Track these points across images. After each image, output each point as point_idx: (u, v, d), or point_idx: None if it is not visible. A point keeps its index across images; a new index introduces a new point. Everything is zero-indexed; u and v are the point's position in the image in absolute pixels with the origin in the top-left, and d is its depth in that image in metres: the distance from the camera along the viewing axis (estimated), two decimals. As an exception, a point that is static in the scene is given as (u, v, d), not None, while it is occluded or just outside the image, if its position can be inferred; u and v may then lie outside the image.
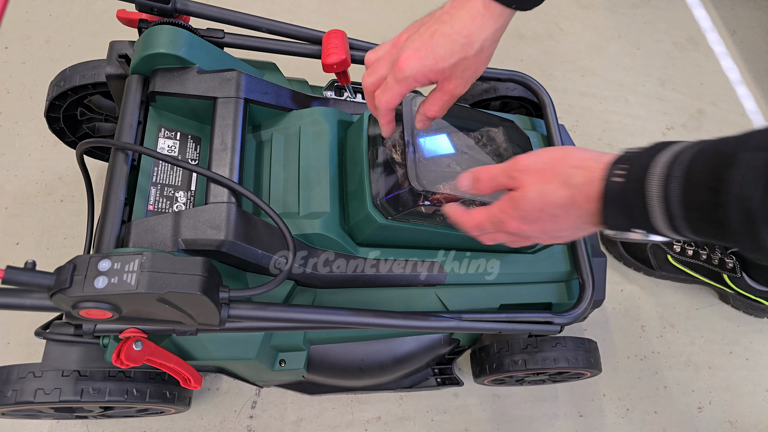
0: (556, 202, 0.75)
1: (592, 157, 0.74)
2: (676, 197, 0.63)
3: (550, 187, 0.75)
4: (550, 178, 0.75)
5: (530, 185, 0.77)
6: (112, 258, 0.76)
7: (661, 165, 0.66)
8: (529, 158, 0.79)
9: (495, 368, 1.31)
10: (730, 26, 2.38)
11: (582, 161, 0.74)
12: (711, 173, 0.60)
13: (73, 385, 1.02)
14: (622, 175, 0.68)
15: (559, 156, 0.77)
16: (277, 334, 1.12)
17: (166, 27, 1.05)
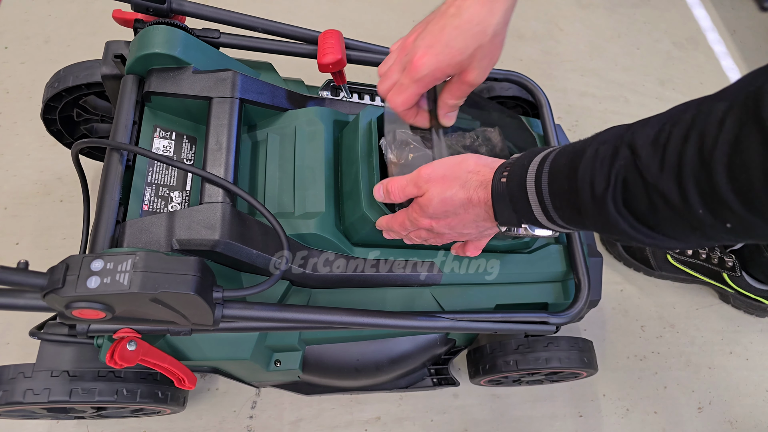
0: (456, 202, 0.85)
1: (486, 164, 0.84)
2: (545, 189, 0.75)
3: (450, 191, 0.84)
4: (450, 183, 0.84)
5: (433, 190, 0.85)
6: (105, 258, 0.76)
7: (535, 164, 0.77)
8: (431, 168, 0.87)
9: (488, 369, 1.31)
10: (730, 26, 2.38)
11: (476, 167, 0.84)
12: (568, 165, 0.71)
13: (63, 386, 1.02)
14: (506, 176, 0.80)
15: (457, 162, 0.86)
16: (272, 335, 1.12)
17: (161, 27, 1.05)
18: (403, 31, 2.06)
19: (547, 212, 0.76)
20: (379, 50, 1.24)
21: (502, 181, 0.80)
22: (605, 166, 0.66)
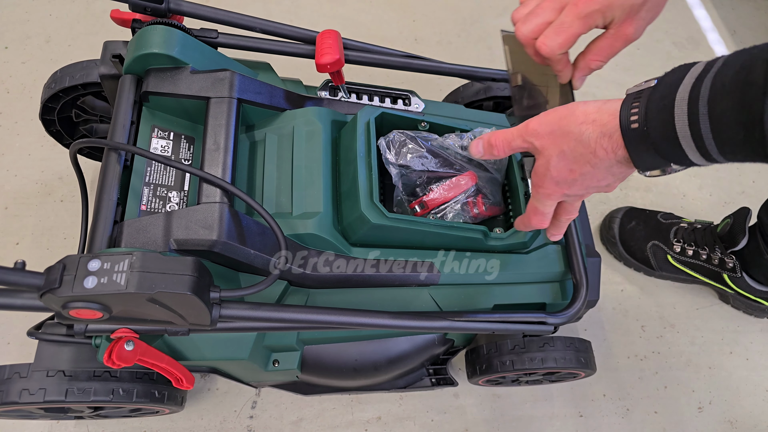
0: (579, 161, 0.76)
1: (599, 109, 0.73)
2: (705, 128, 0.62)
3: (566, 147, 0.76)
4: (562, 139, 0.76)
5: (548, 151, 0.78)
6: (102, 258, 0.76)
7: (683, 97, 0.64)
8: (537, 121, 0.79)
9: (485, 369, 1.31)
10: (730, 26, 2.37)
11: (587, 116, 0.73)
12: (739, 100, 0.58)
13: (58, 386, 1.02)
14: (636, 119, 0.69)
15: (564, 115, 0.76)
16: (270, 335, 1.12)
17: (159, 27, 1.05)
18: (403, 31, 2.08)
19: (706, 153, 0.65)
20: (378, 50, 1.25)
21: (633, 128, 0.69)
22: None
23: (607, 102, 0.73)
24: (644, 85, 0.71)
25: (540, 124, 0.78)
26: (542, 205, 0.87)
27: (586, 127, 0.73)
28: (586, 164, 0.76)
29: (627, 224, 1.75)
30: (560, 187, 0.81)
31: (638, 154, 0.70)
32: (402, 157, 1.08)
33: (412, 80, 1.84)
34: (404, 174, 1.11)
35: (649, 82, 0.71)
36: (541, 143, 0.78)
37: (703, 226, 1.65)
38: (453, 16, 2.15)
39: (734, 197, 1.94)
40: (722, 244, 1.59)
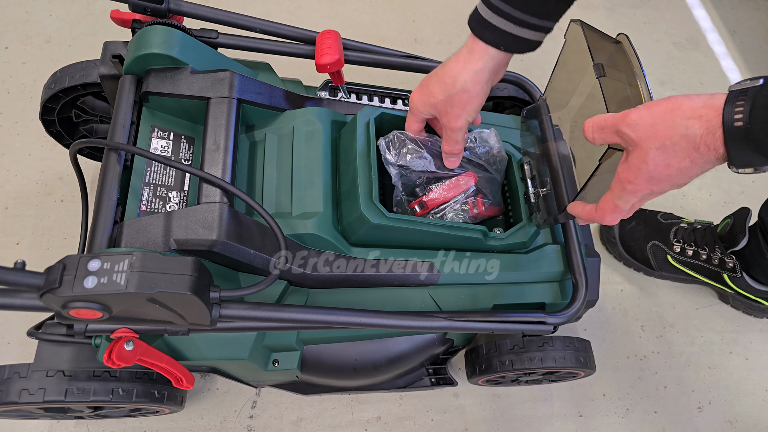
0: (679, 155, 0.74)
1: (704, 104, 0.72)
2: None
3: (669, 142, 0.74)
4: (667, 133, 0.74)
5: (647, 144, 0.75)
6: (102, 258, 0.76)
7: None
8: (639, 113, 0.76)
9: (484, 369, 1.31)
10: (730, 26, 2.37)
11: (694, 111, 0.72)
12: None
13: (58, 386, 1.02)
14: (740, 117, 0.68)
15: (670, 108, 0.74)
16: (270, 334, 1.12)
17: (159, 27, 1.05)
18: (403, 31, 2.08)
19: None
20: (378, 50, 1.25)
21: (737, 126, 0.68)
22: None
23: (712, 96, 0.72)
24: (749, 83, 0.70)
25: (641, 116, 0.75)
26: (624, 202, 0.85)
27: (693, 122, 0.72)
28: (686, 159, 0.74)
29: (627, 224, 1.75)
30: (652, 183, 0.79)
31: (738, 151, 0.70)
32: (401, 158, 1.08)
33: (412, 80, 1.84)
34: (404, 174, 1.11)
35: (755, 80, 0.70)
36: (639, 135, 0.76)
37: (703, 227, 1.66)
38: (453, 16, 2.14)
39: (734, 197, 1.94)
40: (722, 244, 1.59)
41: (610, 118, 0.80)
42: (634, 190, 0.81)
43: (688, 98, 0.73)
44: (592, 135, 0.83)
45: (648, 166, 0.76)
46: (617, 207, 0.86)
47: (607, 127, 0.80)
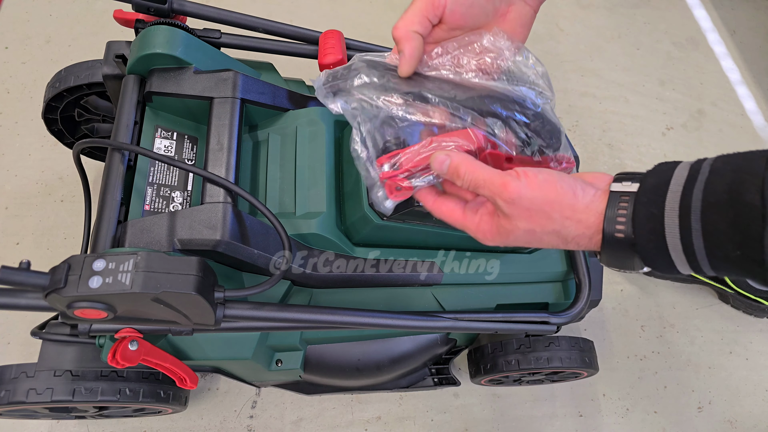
0: (544, 240, 0.72)
1: (586, 207, 0.68)
2: (699, 246, 0.60)
3: (539, 231, 0.70)
4: (541, 223, 0.70)
5: (517, 221, 0.70)
6: (107, 258, 0.76)
7: (670, 212, 0.61)
8: (518, 190, 0.68)
9: (489, 368, 1.31)
10: (730, 26, 2.38)
11: (574, 213, 0.68)
12: (733, 220, 0.56)
13: (65, 385, 1.02)
14: (623, 228, 0.65)
15: (550, 200, 0.68)
16: (273, 334, 1.12)
17: (162, 27, 1.05)
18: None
19: (697, 266, 0.62)
20: (380, 50, 1.25)
21: (617, 237, 0.65)
22: None
23: (595, 198, 0.68)
24: (628, 185, 0.67)
25: (520, 195, 0.68)
26: (459, 226, 0.79)
27: (570, 224, 0.68)
28: (553, 244, 0.73)
29: (627, 224, 1.75)
30: (500, 241, 0.76)
31: (614, 257, 0.68)
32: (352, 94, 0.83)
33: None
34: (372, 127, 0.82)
35: (631, 180, 0.67)
36: (512, 211, 0.70)
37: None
38: (453, 17, 2.14)
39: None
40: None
41: (487, 177, 0.71)
42: (484, 233, 0.76)
43: (572, 194, 0.68)
44: (465, 184, 0.73)
45: (507, 236, 0.73)
46: (465, 225, 0.79)
47: (483, 187, 0.71)
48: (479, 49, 0.83)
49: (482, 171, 0.71)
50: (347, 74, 0.84)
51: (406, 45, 0.79)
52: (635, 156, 1.97)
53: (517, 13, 0.84)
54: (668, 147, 2.01)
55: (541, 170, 0.70)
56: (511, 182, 0.69)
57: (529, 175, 0.69)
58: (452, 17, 0.81)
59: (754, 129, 2.11)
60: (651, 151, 1.99)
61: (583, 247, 0.70)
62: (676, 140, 2.03)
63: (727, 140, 2.06)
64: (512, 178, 0.69)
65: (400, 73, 0.81)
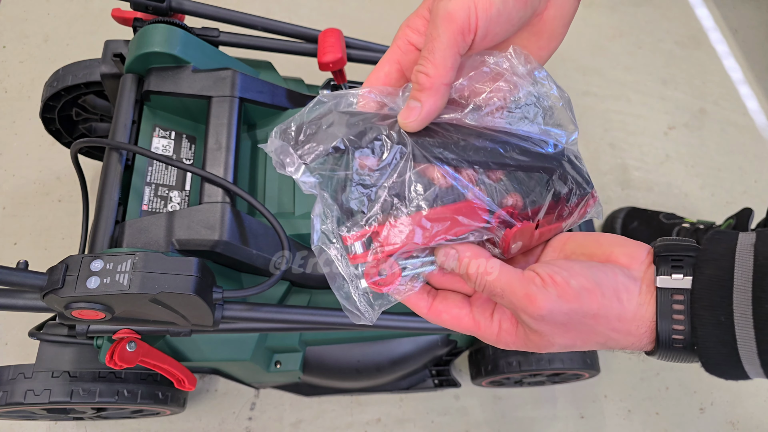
0: (581, 347, 0.59)
1: (634, 315, 0.55)
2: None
3: (580, 344, 0.58)
4: (583, 337, 0.56)
5: (552, 339, 0.56)
6: (105, 258, 0.76)
7: (742, 318, 0.51)
8: (551, 305, 0.53)
9: (490, 370, 1.30)
10: (732, 25, 2.37)
11: (622, 323, 0.55)
12: None
13: (63, 386, 1.02)
14: (682, 341, 0.54)
15: (593, 313, 0.54)
16: (272, 336, 1.11)
17: (160, 26, 1.05)
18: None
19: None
20: (380, 49, 1.24)
21: (676, 347, 0.54)
22: None
23: (643, 299, 0.55)
24: (679, 279, 0.54)
25: (552, 311, 0.53)
26: (486, 340, 0.63)
27: (618, 336, 0.56)
28: (593, 348, 0.60)
29: (629, 224, 1.74)
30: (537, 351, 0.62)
31: (669, 359, 0.56)
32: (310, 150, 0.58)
33: (412, 79, 1.83)
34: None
35: (680, 267, 0.55)
36: (544, 329, 0.55)
37: (706, 227, 1.65)
38: (453, 15, 2.13)
39: (736, 197, 1.94)
40: (724, 244, 1.58)
41: (507, 293, 0.56)
42: (509, 344, 0.61)
43: (618, 301, 0.54)
44: (477, 286, 0.59)
45: (548, 349, 0.59)
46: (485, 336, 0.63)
47: (498, 297, 0.57)
48: (491, 77, 0.62)
49: (500, 276, 0.57)
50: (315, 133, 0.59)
51: (430, 99, 0.57)
52: (637, 156, 1.96)
53: (557, 9, 0.63)
54: (670, 147, 2.00)
55: (572, 271, 0.55)
56: (537, 295, 0.53)
57: (559, 282, 0.54)
58: (483, 42, 0.59)
59: (757, 128, 2.10)
60: (653, 151, 1.98)
61: (628, 350, 0.59)
62: (678, 140, 2.03)
63: (729, 140, 2.05)
64: (539, 289, 0.54)
65: (406, 127, 0.58)
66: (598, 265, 0.57)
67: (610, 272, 0.56)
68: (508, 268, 0.57)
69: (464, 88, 0.62)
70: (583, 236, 0.63)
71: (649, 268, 0.57)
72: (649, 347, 0.56)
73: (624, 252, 0.59)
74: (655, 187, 1.91)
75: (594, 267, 0.56)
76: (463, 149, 0.58)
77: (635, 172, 1.93)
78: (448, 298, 0.64)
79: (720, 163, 2.00)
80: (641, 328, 0.55)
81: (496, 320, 0.61)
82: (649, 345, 0.56)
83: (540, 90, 0.64)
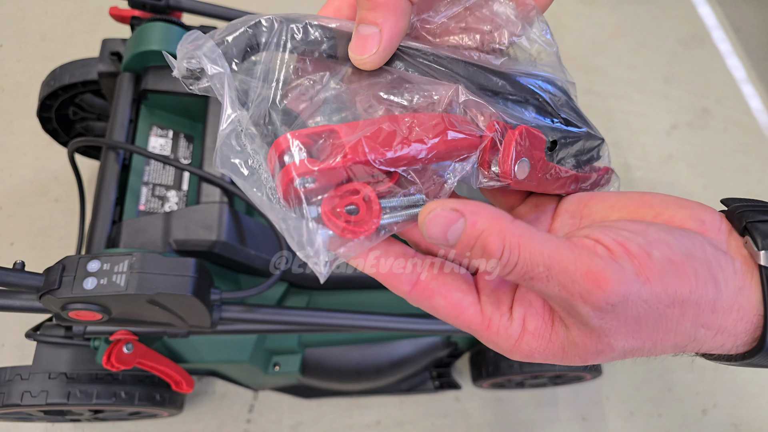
0: (645, 355, 0.42)
1: (732, 303, 0.38)
2: None
3: (648, 349, 0.40)
4: (657, 338, 0.39)
5: (614, 341, 0.38)
6: (102, 259, 0.76)
7: None
8: (629, 287, 0.36)
9: (491, 372, 1.30)
10: (734, 24, 2.36)
11: (716, 315, 0.38)
12: None
13: (60, 388, 1.01)
14: None
15: (683, 299, 0.37)
16: (271, 337, 1.11)
17: (158, 24, 1.04)
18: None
19: None
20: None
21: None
22: None
23: (743, 283, 0.39)
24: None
25: (629, 295, 0.36)
26: (497, 348, 0.43)
27: (706, 333, 0.39)
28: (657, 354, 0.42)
29: (631, 224, 1.73)
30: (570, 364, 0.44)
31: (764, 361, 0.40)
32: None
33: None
34: None
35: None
36: (609, 325, 0.37)
37: (708, 227, 1.64)
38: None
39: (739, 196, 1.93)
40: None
41: (558, 271, 0.36)
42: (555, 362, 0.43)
43: (714, 284, 0.38)
44: (492, 263, 0.40)
45: (596, 360, 0.41)
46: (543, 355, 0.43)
47: (539, 280, 0.38)
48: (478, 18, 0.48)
49: (541, 245, 0.37)
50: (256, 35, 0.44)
51: (389, 18, 0.41)
52: (640, 155, 1.95)
53: None
54: (673, 146, 1.99)
55: (649, 236, 0.38)
56: (607, 272, 0.35)
57: (636, 252, 0.37)
58: None
59: (760, 128, 2.09)
60: (656, 150, 1.97)
61: (712, 349, 0.41)
62: (681, 139, 2.02)
63: (732, 139, 2.04)
64: (607, 264, 0.36)
65: (363, 65, 0.42)
66: (678, 229, 0.40)
67: (698, 241, 0.39)
68: (547, 236, 0.38)
69: (433, 22, 0.46)
70: (616, 195, 0.46)
71: (730, 237, 0.42)
72: (744, 348, 0.40)
73: (689, 215, 0.42)
74: (657, 187, 1.90)
75: (675, 232, 0.39)
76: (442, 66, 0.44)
77: (638, 172, 1.92)
78: (443, 274, 0.44)
79: (723, 162, 1.99)
80: (741, 322, 0.39)
81: (517, 317, 0.41)
82: (745, 345, 0.40)
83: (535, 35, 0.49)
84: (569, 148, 0.48)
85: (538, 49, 0.49)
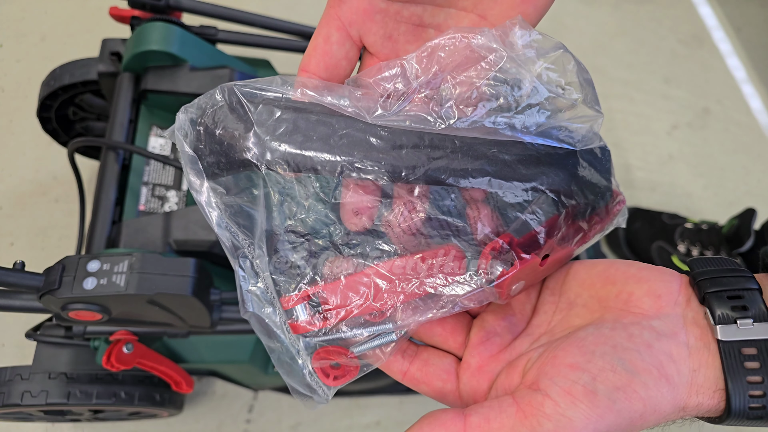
0: None
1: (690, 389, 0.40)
2: None
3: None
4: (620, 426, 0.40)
5: None
6: (102, 259, 0.76)
7: None
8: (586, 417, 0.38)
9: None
10: (735, 24, 2.36)
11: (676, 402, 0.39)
12: None
13: (60, 388, 1.01)
14: (759, 409, 0.40)
15: (639, 415, 0.39)
16: (271, 337, 1.10)
17: (158, 24, 1.04)
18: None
19: None
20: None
21: (754, 414, 0.39)
22: None
23: (698, 365, 0.40)
24: (748, 325, 0.41)
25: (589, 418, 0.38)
26: None
27: (669, 418, 0.41)
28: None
29: (632, 225, 1.73)
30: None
31: (743, 425, 0.42)
32: None
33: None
34: None
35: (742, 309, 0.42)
36: None
37: (709, 227, 1.64)
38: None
39: (740, 197, 1.93)
40: (728, 245, 1.57)
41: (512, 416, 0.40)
42: None
43: (667, 382, 0.39)
44: None
45: None
46: None
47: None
48: (464, 57, 0.45)
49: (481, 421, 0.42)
50: None
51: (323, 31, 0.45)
52: (640, 155, 1.95)
53: None
54: (674, 146, 1.99)
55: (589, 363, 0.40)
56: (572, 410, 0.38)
57: (581, 396, 0.39)
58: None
59: (760, 128, 2.09)
60: (656, 151, 1.97)
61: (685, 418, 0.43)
62: (681, 139, 2.01)
63: (732, 140, 2.04)
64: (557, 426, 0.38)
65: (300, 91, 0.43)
66: (619, 330, 0.42)
67: (640, 342, 0.41)
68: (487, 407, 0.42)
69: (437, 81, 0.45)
70: (587, 269, 0.49)
71: (687, 309, 0.44)
72: (716, 414, 0.41)
73: (646, 291, 0.45)
74: (658, 187, 1.89)
75: (615, 339, 0.41)
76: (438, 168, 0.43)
77: (638, 172, 1.91)
78: (429, 362, 0.49)
79: (723, 162, 1.99)
80: (701, 399, 0.40)
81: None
82: (715, 413, 0.41)
83: (544, 67, 0.47)
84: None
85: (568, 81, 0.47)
